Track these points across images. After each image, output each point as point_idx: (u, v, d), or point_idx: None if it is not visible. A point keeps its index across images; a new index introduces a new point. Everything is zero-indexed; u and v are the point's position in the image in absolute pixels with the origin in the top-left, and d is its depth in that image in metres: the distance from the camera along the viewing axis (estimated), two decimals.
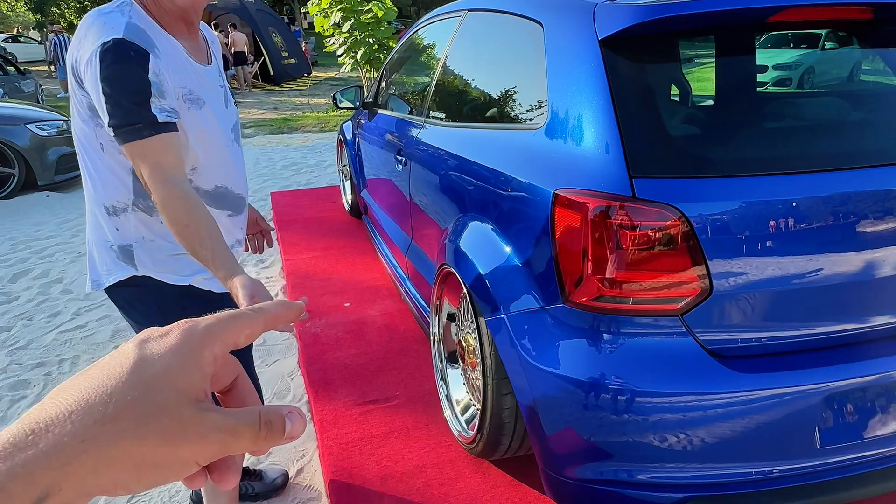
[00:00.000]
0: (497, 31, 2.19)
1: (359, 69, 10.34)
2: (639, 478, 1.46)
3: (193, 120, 1.34)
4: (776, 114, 1.80)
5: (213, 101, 1.40)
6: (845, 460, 1.47)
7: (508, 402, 1.74)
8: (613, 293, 1.42)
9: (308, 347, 2.80)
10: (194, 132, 1.35)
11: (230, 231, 1.50)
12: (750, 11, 1.49)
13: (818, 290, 1.43)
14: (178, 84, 1.29)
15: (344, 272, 3.69)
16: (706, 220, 1.37)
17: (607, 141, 1.44)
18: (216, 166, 1.43)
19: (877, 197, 1.43)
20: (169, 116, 1.24)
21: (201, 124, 1.36)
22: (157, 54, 1.24)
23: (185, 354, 0.35)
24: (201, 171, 1.40)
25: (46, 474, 0.29)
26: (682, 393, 1.39)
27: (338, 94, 3.81)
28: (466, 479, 1.92)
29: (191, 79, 1.33)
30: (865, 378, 1.43)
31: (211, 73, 1.42)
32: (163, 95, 1.24)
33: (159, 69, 1.24)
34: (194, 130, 1.35)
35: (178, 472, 0.34)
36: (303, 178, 6.54)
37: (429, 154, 2.40)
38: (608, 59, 1.51)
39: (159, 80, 1.23)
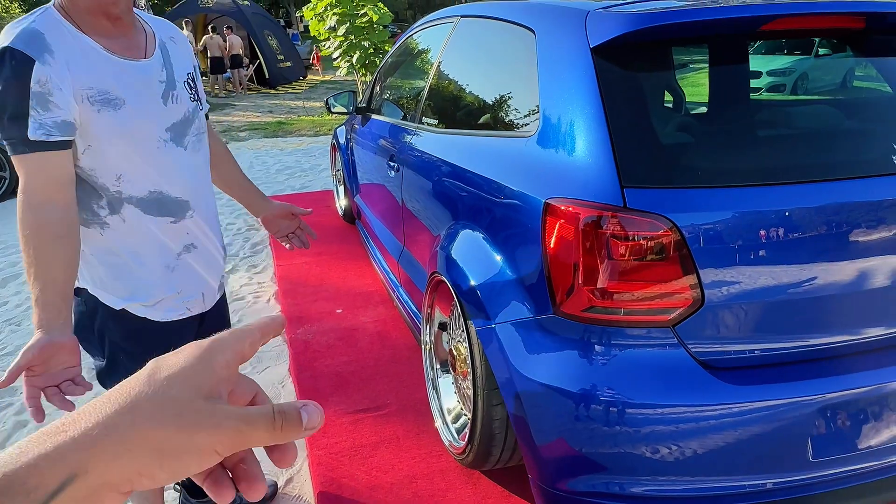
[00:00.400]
0: (490, 37, 2.18)
1: (354, 73, 10.33)
2: (630, 491, 1.44)
3: (106, 122, 1.25)
4: (769, 123, 1.80)
5: (139, 99, 1.30)
6: (838, 472, 1.45)
7: (499, 412, 1.72)
8: (604, 304, 1.41)
9: (299, 355, 2.78)
10: (109, 135, 1.26)
11: (174, 239, 1.42)
12: (742, 21, 1.48)
13: (810, 301, 1.42)
14: (83, 86, 1.22)
15: (336, 278, 3.67)
16: (698, 231, 1.36)
17: (599, 150, 1.43)
18: (146, 170, 1.34)
19: (869, 207, 1.42)
20: (47, 133, 1.17)
21: (118, 126, 1.27)
22: (48, 60, 1.17)
23: (197, 359, 0.38)
24: (128, 178, 1.32)
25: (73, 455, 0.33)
26: (674, 405, 1.37)
27: (331, 99, 3.79)
28: (457, 490, 1.90)
29: (104, 79, 1.25)
30: (858, 390, 1.42)
31: (146, 68, 1.33)
32: (47, 107, 1.17)
33: (48, 77, 1.17)
34: (109, 133, 1.26)
35: (198, 461, 0.36)
36: (297, 183, 6.51)
37: (421, 160, 2.39)
38: (600, 67, 1.50)
39: (46, 90, 1.17)
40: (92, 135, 1.25)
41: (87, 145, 1.26)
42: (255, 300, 3.62)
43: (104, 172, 1.30)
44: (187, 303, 1.50)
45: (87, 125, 1.24)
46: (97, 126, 1.25)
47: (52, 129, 1.18)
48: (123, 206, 1.34)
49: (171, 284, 1.45)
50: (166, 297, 1.45)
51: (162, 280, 1.43)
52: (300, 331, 3.01)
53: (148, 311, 1.43)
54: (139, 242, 1.38)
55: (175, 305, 1.47)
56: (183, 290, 1.48)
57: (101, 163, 1.29)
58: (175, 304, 1.47)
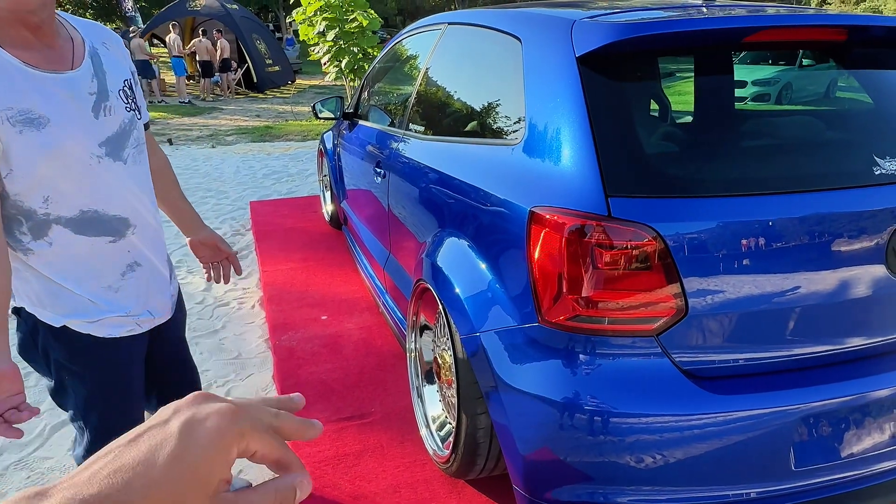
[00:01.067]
0: (476, 45, 2.18)
1: (343, 78, 10.32)
2: (615, 500, 1.44)
3: (29, 144, 1.15)
4: (754, 133, 1.81)
5: (65, 116, 1.20)
6: (820, 482, 1.46)
7: (483, 421, 1.71)
8: (589, 313, 1.41)
9: (283, 362, 2.75)
10: (33, 158, 1.16)
11: (114, 259, 1.33)
12: (726, 32, 1.49)
13: (793, 310, 1.43)
14: (1, 107, 1.12)
15: (322, 284, 3.65)
16: (682, 241, 1.36)
17: (584, 159, 1.43)
18: (77, 189, 1.24)
19: (852, 218, 1.43)
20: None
21: (43, 147, 1.16)
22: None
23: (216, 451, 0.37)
24: (56, 199, 1.22)
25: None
26: (658, 414, 1.37)
27: (318, 105, 3.78)
28: (441, 500, 1.89)
29: (26, 96, 1.15)
30: (840, 399, 1.43)
31: (72, 80, 1.22)
32: None
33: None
34: (33, 155, 1.16)
35: None
36: (283, 188, 6.48)
37: (408, 167, 2.38)
38: (585, 76, 1.51)
39: None
40: (14, 158, 1.15)
41: (10, 169, 1.16)
42: (239, 306, 3.58)
43: (29, 196, 1.20)
44: (137, 320, 1.41)
45: (9, 148, 1.14)
46: (19, 148, 1.15)
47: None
48: (51, 229, 1.24)
49: (116, 305, 1.36)
50: (111, 316, 1.36)
51: (105, 301, 1.34)
52: (284, 337, 2.98)
53: (91, 327, 1.33)
54: (71, 266, 1.29)
55: (122, 322, 1.38)
56: (132, 310, 1.39)
57: (26, 185, 1.18)
58: (123, 321, 1.38)
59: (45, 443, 2.37)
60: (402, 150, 2.49)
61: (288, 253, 4.18)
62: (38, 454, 2.31)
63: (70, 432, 2.44)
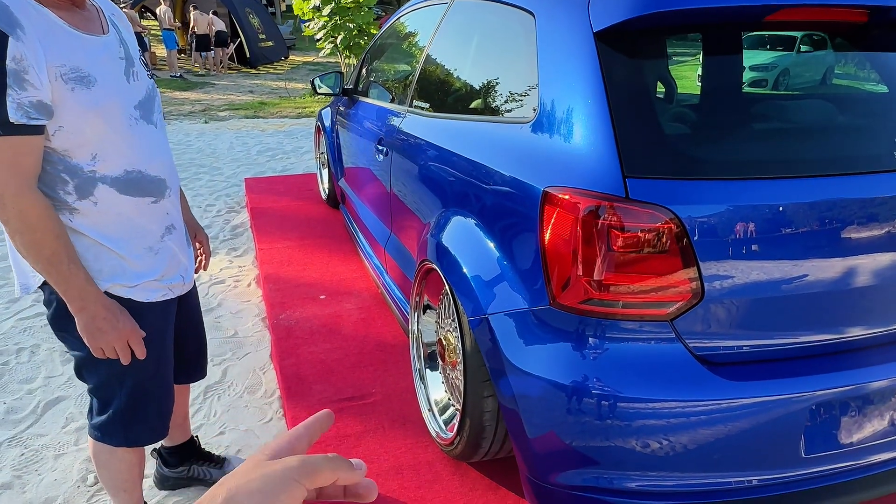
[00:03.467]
0: (486, 20, 2.12)
1: (338, 54, 10.16)
2: (622, 485, 1.42)
3: (81, 101, 1.19)
4: (774, 116, 1.77)
5: (108, 76, 1.24)
6: (830, 469, 1.45)
7: (490, 404, 1.69)
8: (602, 296, 1.38)
9: (281, 341, 2.72)
10: (84, 115, 1.20)
11: (156, 220, 1.38)
12: (750, 9, 1.45)
13: (811, 297, 1.40)
14: (56, 63, 1.15)
15: (320, 263, 3.60)
16: (700, 224, 1.33)
17: (601, 138, 1.39)
18: (121, 149, 1.28)
19: (872, 203, 1.41)
20: (27, 115, 1.12)
21: (92, 105, 1.20)
22: (21, 35, 1.10)
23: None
24: (103, 157, 1.26)
25: None
26: (670, 400, 1.35)
27: (317, 80, 3.70)
28: (444, 482, 1.87)
29: (75, 54, 1.18)
30: (853, 386, 1.41)
31: (108, 44, 1.26)
32: (23, 86, 1.10)
33: (23, 53, 1.10)
34: (84, 113, 1.20)
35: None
36: (278, 165, 6.39)
37: (412, 145, 2.33)
38: (603, 52, 1.46)
39: (21, 67, 1.10)
40: (65, 114, 1.18)
41: (59, 126, 1.19)
42: (235, 284, 3.54)
43: (78, 152, 1.23)
44: (170, 285, 1.47)
45: (61, 105, 1.17)
46: (71, 105, 1.18)
47: (31, 111, 1.12)
48: (97, 188, 1.27)
49: (153, 268, 1.41)
50: (148, 280, 1.41)
51: (144, 263, 1.39)
52: (282, 316, 2.95)
53: (132, 291, 1.38)
54: (115, 226, 1.32)
55: (158, 287, 1.44)
56: (165, 273, 1.45)
57: (76, 142, 1.21)
58: (157, 285, 1.43)
59: (39, 420, 2.34)
60: (407, 127, 2.43)
61: (284, 231, 4.13)
62: (32, 431, 2.27)
63: (65, 409, 2.40)
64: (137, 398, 1.45)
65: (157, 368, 1.47)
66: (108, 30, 1.29)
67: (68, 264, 1.20)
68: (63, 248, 1.19)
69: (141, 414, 1.47)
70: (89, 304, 1.24)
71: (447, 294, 1.90)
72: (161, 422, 1.53)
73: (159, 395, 1.50)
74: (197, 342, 1.73)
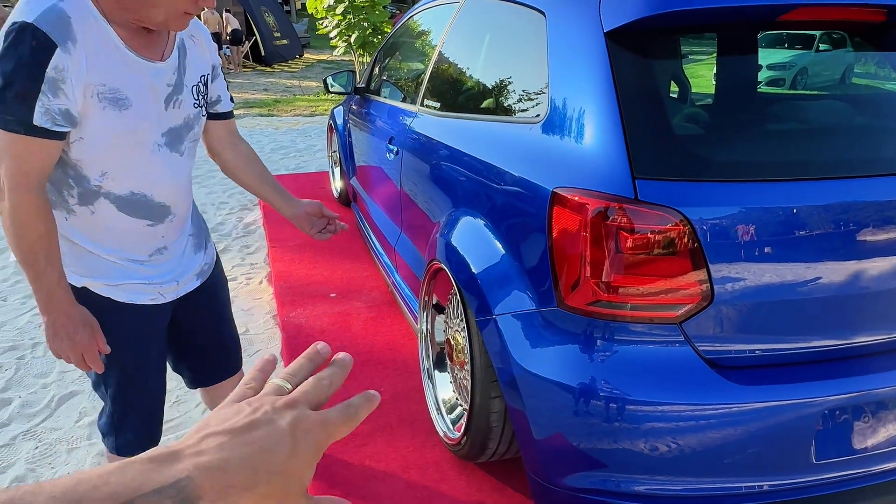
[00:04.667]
0: (497, 19, 2.11)
1: (352, 53, 10.19)
2: (629, 489, 1.42)
3: (107, 122, 1.21)
4: (785, 117, 1.75)
5: (144, 102, 1.25)
6: (841, 475, 1.43)
7: (497, 405, 1.69)
8: (610, 298, 1.37)
9: (291, 338, 2.73)
10: (106, 136, 1.22)
11: (146, 242, 1.38)
12: (763, 8, 1.43)
13: (821, 301, 1.38)
14: (96, 81, 1.17)
15: (330, 261, 3.62)
16: (710, 226, 1.32)
17: (610, 139, 1.38)
18: (134, 172, 1.29)
19: (886, 207, 1.38)
20: (53, 121, 1.14)
21: (119, 126, 1.22)
22: (70, 48, 1.12)
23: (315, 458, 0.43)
24: (113, 176, 1.27)
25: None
26: (679, 403, 1.34)
27: (329, 79, 3.71)
28: (450, 482, 1.87)
29: (118, 76, 1.20)
30: (865, 392, 1.39)
31: (158, 71, 1.28)
32: (56, 94, 1.13)
33: (66, 65, 1.12)
34: (106, 134, 1.22)
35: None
36: (291, 163, 6.42)
37: (422, 144, 2.33)
38: (614, 52, 1.45)
39: (60, 77, 1.12)
40: (88, 129, 1.20)
41: (80, 137, 1.21)
42: (247, 281, 3.56)
43: (90, 166, 1.25)
44: (160, 288, 1.41)
45: (87, 119, 1.19)
46: (97, 122, 1.20)
47: (58, 118, 1.14)
48: (98, 201, 1.29)
49: (139, 274, 1.38)
50: (133, 282, 1.37)
51: (128, 270, 1.36)
52: (293, 314, 2.96)
53: (111, 290, 1.35)
54: (104, 236, 1.32)
55: (144, 290, 1.39)
56: (154, 279, 1.40)
57: (90, 156, 1.24)
58: (145, 288, 1.39)
59: (53, 414, 2.37)
60: (418, 126, 2.43)
61: (295, 229, 4.14)
62: (46, 425, 2.31)
63: (78, 403, 2.43)
64: (119, 406, 1.43)
65: (139, 373, 1.43)
66: (168, 55, 1.30)
67: (44, 265, 1.21)
68: (42, 249, 1.20)
69: (124, 424, 1.45)
70: (52, 309, 1.23)
71: (455, 294, 1.90)
72: (147, 429, 1.49)
73: (142, 405, 1.46)
74: (219, 351, 1.67)
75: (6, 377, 2.61)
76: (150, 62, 1.25)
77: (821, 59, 3.88)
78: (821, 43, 7.12)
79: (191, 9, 1.17)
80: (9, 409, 2.40)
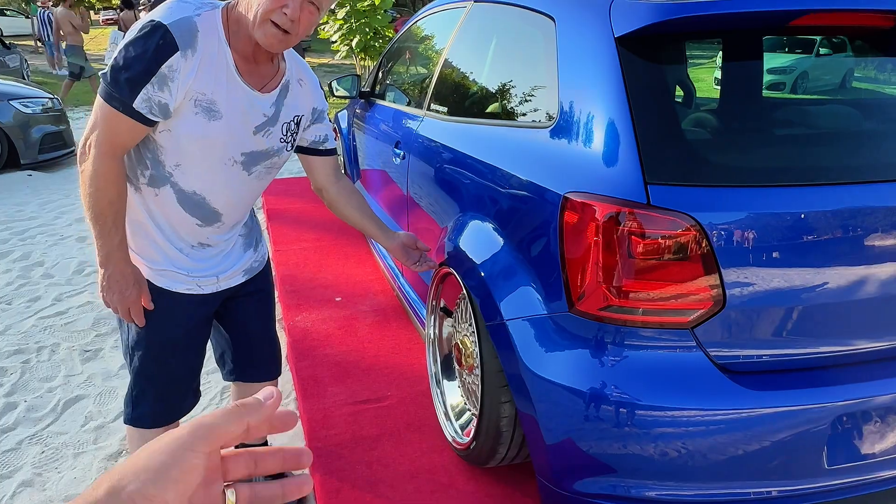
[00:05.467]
0: (505, 24, 2.12)
1: (353, 57, 10.21)
2: (640, 494, 1.41)
3: (194, 125, 1.34)
4: (797, 122, 1.75)
5: (235, 121, 1.38)
6: (853, 480, 1.43)
7: (507, 409, 1.69)
8: (622, 303, 1.37)
9: (297, 343, 2.73)
10: (190, 136, 1.35)
11: (192, 235, 1.50)
12: (774, 14, 1.43)
13: (833, 306, 1.38)
14: (198, 88, 1.31)
15: (335, 265, 3.62)
16: (722, 231, 1.32)
17: (622, 144, 1.38)
18: (201, 176, 1.42)
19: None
20: (149, 110, 1.28)
21: (203, 133, 1.35)
22: (188, 55, 1.27)
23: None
24: (184, 171, 1.41)
25: None
26: (690, 408, 1.34)
27: (334, 83, 3.72)
28: (459, 487, 1.87)
29: (219, 92, 1.33)
30: (878, 397, 1.39)
31: (256, 100, 1.40)
32: (162, 88, 1.27)
33: (179, 67, 1.26)
34: (190, 134, 1.35)
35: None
36: (295, 167, 6.42)
37: (430, 149, 2.33)
38: (624, 58, 1.45)
39: (171, 76, 1.26)
40: (176, 125, 1.33)
41: (168, 129, 1.34)
42: None
43: (169, 155, 1.38)
44: (199, 281, 1.53)
45: (178, 116, 1.32)
46: (185, 122, 1.33)
47: (155, 108, 1.28)
48: (165, 187, 1.42)
49: (180, 264, 1.50)
50: (173, 270, 1.49)
51: (172, 256, 1.49)
52: (298, 318, 2.96)
53: (152, 274, 1.48)
54: (161, 216, 1.46)
55: (182, 280, 1.51)
56: (193, 272, 1.52)
57: (171, 148, 1.37)
58: (184, 278, 1.51)
59: (59, 418, 2.37)
60: (425, 131, 2.44)
61: (300, 233, 4.15)
62: (52, 429, 2.30)
63: (84, 407, 2.43)
64: (140, 377, 1.54)
65: (162, 354, 1.53)
66: (270, 89, 1.43)
67: (111, 226, 1.35)
68: (112, 213, 1.34)
69: (142, 395, 1.56)
70: (110, 264, 1.37)
71: (464, 298, 1.90)
72: (163, 407, 1.58)
73: (161, 381, 1.56)
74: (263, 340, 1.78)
75: (12, 381, 2.60)
76: (252, 90, 1.38)
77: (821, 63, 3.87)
78: (821, 47, 7.16)
79: (275, 17, 1.26)
80: (14, 413, 2.39)
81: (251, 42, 1.34)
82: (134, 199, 1.44)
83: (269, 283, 1.78)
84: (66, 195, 5.41)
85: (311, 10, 1.30)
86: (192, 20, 1.28)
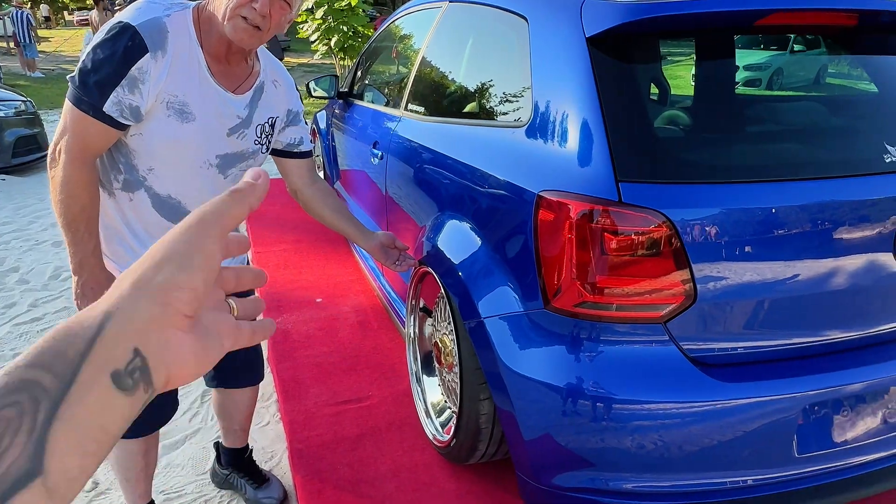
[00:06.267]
0: (479, 24, 2.13)
1: (332, 56, 10.17)
2: (618, 486, 1.44)
3: (166, 128, 1.32)
4: (766, 119, 1.79)
5: (208, 123, 1.36)
6: (822, 468, 1.47)
7: (486, 406, 1.70)
8: (596, 299, 1.39)
9: (278, 344, 2.72)
10: (163, 139, 1.33)
11: None
12: (740, 14, 1.47)
13: (802, 298, 1.42)
14: (169, 90, 1.29)
15: (316, 266, 3.61)
16: (692, 227, 1.35)
17: (594, 143, 1.41)
18: (176, 179, 1.41)
19: (862, 206, 1.42)
20: (120, 113, 1.27)
21: (176, 136, 1.34)
22: (158, 56, 1.25)
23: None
24: (158, 175, 1.40)
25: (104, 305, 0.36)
26: (665, 402, 1.37)
27: (312, 83, 3.70)
28: (440, 484, 1.88)
29: (192, 93, 1.32)
30: (845, 386, 1.43)
31: (229, 101, 1.39)
32: (132, 90, 1.25)
33: (149, 69, 1.24)
34: (163, 137, 1.33)
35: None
36: (273, 167, 6.38)
37: (407, 149, 2.34)
38: (596, 58, 1.47)
39: (141, 78, 1.25)
40: (147, 129, 1.32)
41: (140, 132, 1.32)
42: None
43: (142, 159, 1.37)
44: None
45: (150, 120, 1.30)
46: (158, 125, 1.31)
47: (126, 111, 1.26)
48: (139, 192, 1.40)
49: None
50: None
51: None
52: (279, 319, 2.95)
53: None
54: (137, 221, 1.44)
55: None
56: None
57: (144, 151, 1.35)
58: None
59: None
60: (402, 131, 2.44)
61: (280, 234, 4.13)
62: None
63: None
64: None
65: None
66: (244, 91, 1.41)
67: (84, 233, 1.32)
68: (84, 219, 1.32)
69: None
70: (84, 271, 1.36)
71: (443, 297, 1.91)
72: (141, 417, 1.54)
73: None
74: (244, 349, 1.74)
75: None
76: (225, 91, 1.37)
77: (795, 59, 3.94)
78: (795, 44, 7.28)
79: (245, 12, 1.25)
80: None
81: (224, 42, 1.32)
82: (108, 203, 1.42)
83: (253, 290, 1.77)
84: (41, 199, 5.32)
85: (282, 6, 1.29)
86: (162, 21, 1.26)
